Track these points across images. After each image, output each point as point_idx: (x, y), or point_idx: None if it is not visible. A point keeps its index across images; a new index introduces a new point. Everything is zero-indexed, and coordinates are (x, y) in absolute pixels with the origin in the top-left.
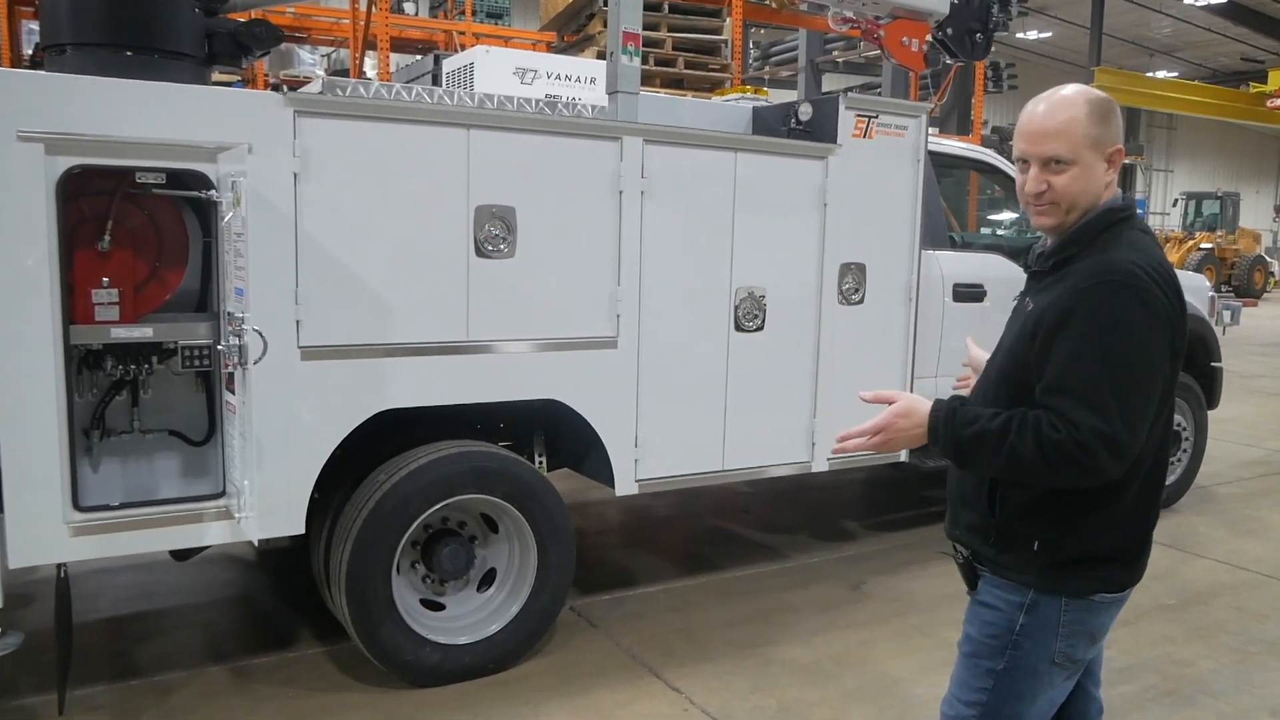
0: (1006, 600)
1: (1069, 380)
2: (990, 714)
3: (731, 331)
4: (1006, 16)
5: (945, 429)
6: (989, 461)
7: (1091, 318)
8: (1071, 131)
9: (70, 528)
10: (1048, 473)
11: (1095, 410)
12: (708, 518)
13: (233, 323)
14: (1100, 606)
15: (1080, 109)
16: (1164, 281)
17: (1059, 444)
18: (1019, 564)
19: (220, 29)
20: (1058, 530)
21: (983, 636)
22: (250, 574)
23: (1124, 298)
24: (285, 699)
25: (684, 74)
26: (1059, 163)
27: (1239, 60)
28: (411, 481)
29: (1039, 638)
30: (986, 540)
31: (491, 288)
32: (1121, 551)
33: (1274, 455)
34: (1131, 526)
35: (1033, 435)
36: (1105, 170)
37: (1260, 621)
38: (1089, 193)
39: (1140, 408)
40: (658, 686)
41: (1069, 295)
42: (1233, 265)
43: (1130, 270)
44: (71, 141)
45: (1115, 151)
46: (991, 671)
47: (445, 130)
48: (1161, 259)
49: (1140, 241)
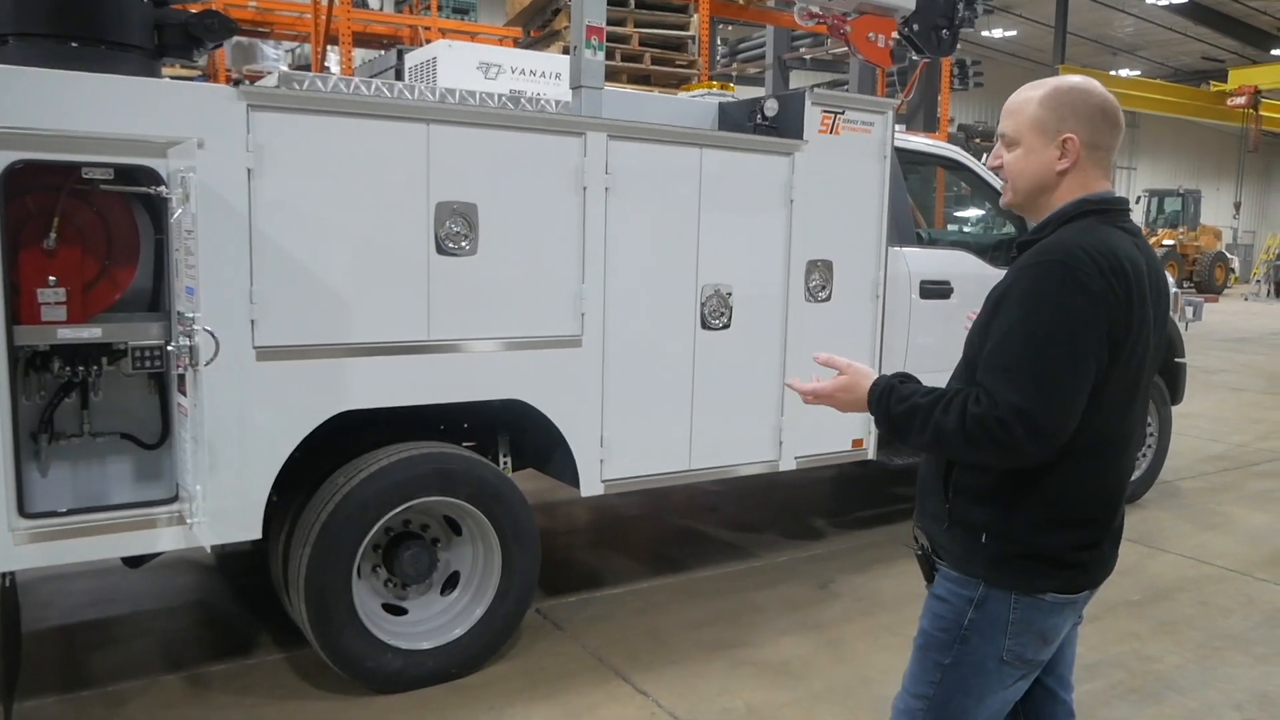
0: (957, 594)
1: (996, 356)
2: (937, 708)
3: (698, 330)
4: (972, 13)
5: (879, 405)
6: (918, 436)
7: (1023, 296)
8: (1019, 111)
9: (16, 535)
10: (968, 447)
11: (1015, 387)
12: (675, 517)
13: (183, 323)
14: (1051, 607)
15: (1037, 92)
16: (1108, 266)
17: (978, 418)
18: (968, 555)
19: (171, 20)
20: (1006, 522)
21: (933, 629)
22: (207, 579)
23: (1056, 277)
24: (244, 708)
25: (650, 70)
26: (1006, 141)
27: (1200, 59)
28: (372, 484)
29: (987, 633)
30: (941, 525)
31: (453, 286)
32: (1072, 552)
33: (1237, 450)
34: (1085, 529)
35: (957, 410)
36: (1058, 157)
37: (1225, 616)
38: (1031, 175)
39: (1063, 388)
40: (625, 689)
41: (1010, 275)
42: (1194, 262)
43: (1069, 251)
44: (14, 135)
45: (1065, 139)
46: (939, 665)
47: (405, 125)
48: (1114, 247)
49: (1101, 231)
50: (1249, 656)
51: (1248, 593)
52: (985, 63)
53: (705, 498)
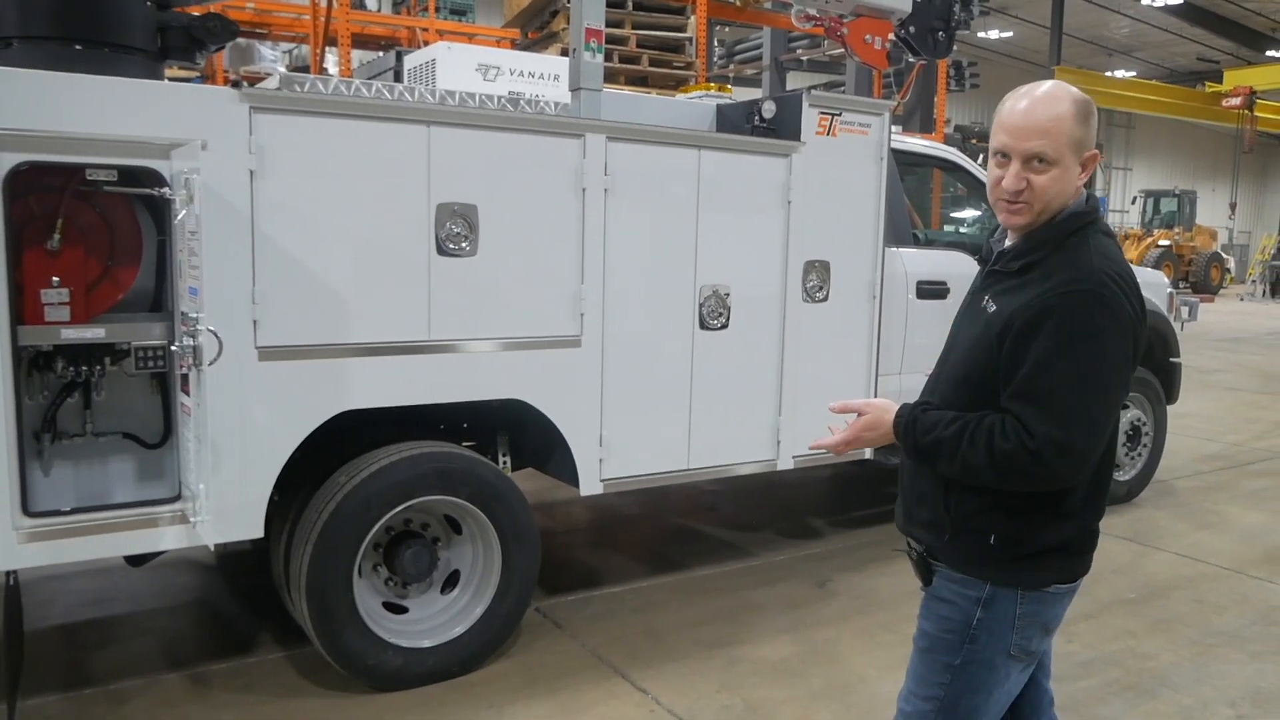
0: (963, 595)
1: (1034, 387)
2: (948, 708)
3: (696, 330)
4: (968, 15)
5: (905, 438)
6: (946, 466)
7: (1061, 326)
8: (1058, 130)
9: (20, 534)
10: (998, 480)
11: (1056, 419)
12: (674, 517)
13: (187, 323)
14: (1054, 597)
15: (1067, 107)
16: (1130, 290)
17: (1008, 454)
18: (975, 558)
19: (174, 23)
20: (1014, 525)
21: (939, 632)
22: (208, 578)
23: (1094, 307)
24: (245, 705)
25: (648, 71)
26: (1042, 161)
27: (1195, 60)
28: (373, 483)
29: (996, 631)
30: (941, 536)
31: (453, 286)
32: (1073, 542)
33: (1232, 449)
34: (1083, 517)
35: (984, 444)
36: (1080, 173)
37: (1219, 614)
38: (1064, 195)
39: (1102, 418)
40: (624, 687)
41: (1039, 301)
42: (1190, 262)
43: (1100, 280)
44: (19, 137)
45: (1091, 156)
46: (949, 666)
47: (405, 127)
48: (1125, 265)
49: (1106, 247)
50: (1243, 654)
51: (1242, 591)
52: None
53: (704, 497)
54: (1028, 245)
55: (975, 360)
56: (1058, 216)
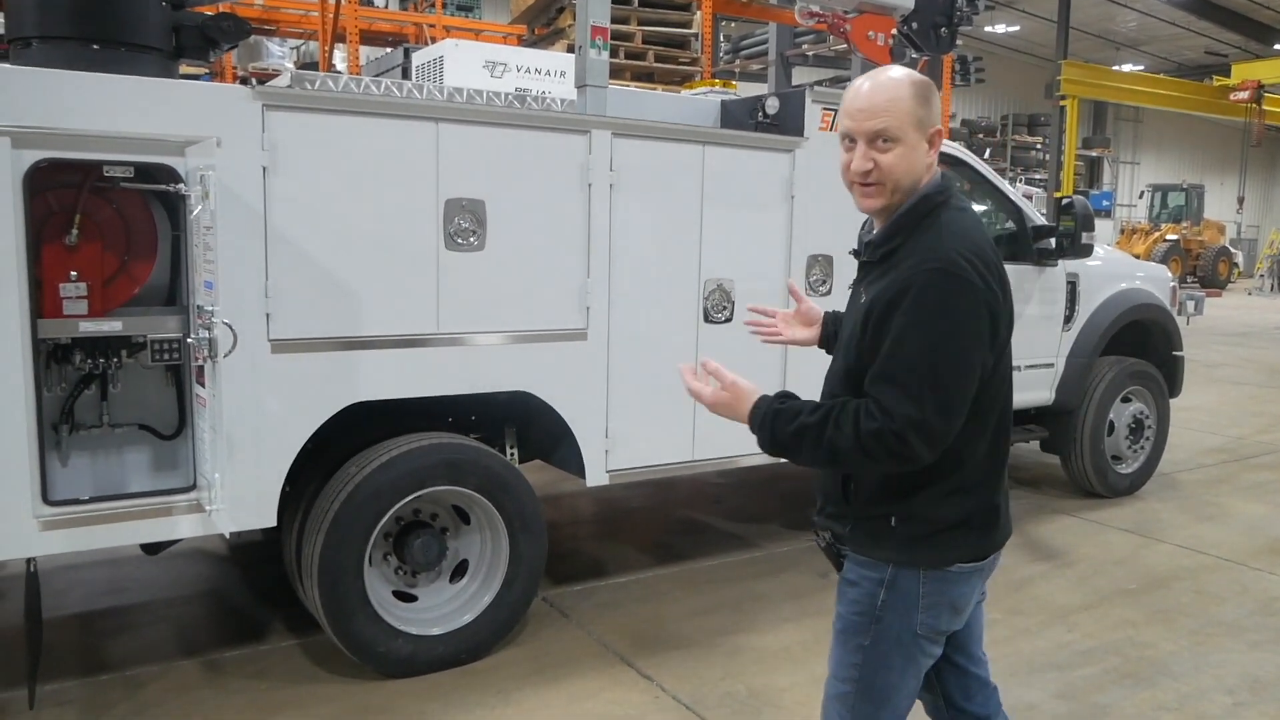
0: (868, 577)
1: (888, 368)
2: (865, 688)
3: (701, 323)
4: (972, 10)
5: (762, 429)
6: (812, 455)
7: (912, 307)
8: (898, 109)
9: (39, 522)
10: (866, 460)
11: (910, 397)
12: (679, 508)
13: (202, 316)
14: (959, 576)
15: (905, 88)
16: (984, 264)
17: (875, 432)
18: (876, 542)
19: (188, 22)
20: (911, 505)
21: (850, 614)
22: (221, 567)
23: (943, 285)
24: (257, 691)
25: (654, 68)
26: (885, 140)
27: (1203, 54)
28: (383, 474)
29: (901, 610)
30: (845, 525)
31: (462, 280)
32: (974, 517)
33: (1235, 443)
34: (981, 493)
35: (850, 425)
36: (927, 151)
37: (1219, 604)
38: (912, 172)
39: (956, 395)
40: (629, 675)
41: (893, 285)
42: (1198, 256)
43: (950, 257)
44: (38, 135)
45: (935, 133)
46: (860, 647)
47: (414, 124)
48: (981, 240)
49: (959, 224)
50: (1241, 643)
51: (1242, 581)
52: (988, 58)
53: (709, 489)
54: (887, 234)
55: (852, 352)
56: (911, 199)
